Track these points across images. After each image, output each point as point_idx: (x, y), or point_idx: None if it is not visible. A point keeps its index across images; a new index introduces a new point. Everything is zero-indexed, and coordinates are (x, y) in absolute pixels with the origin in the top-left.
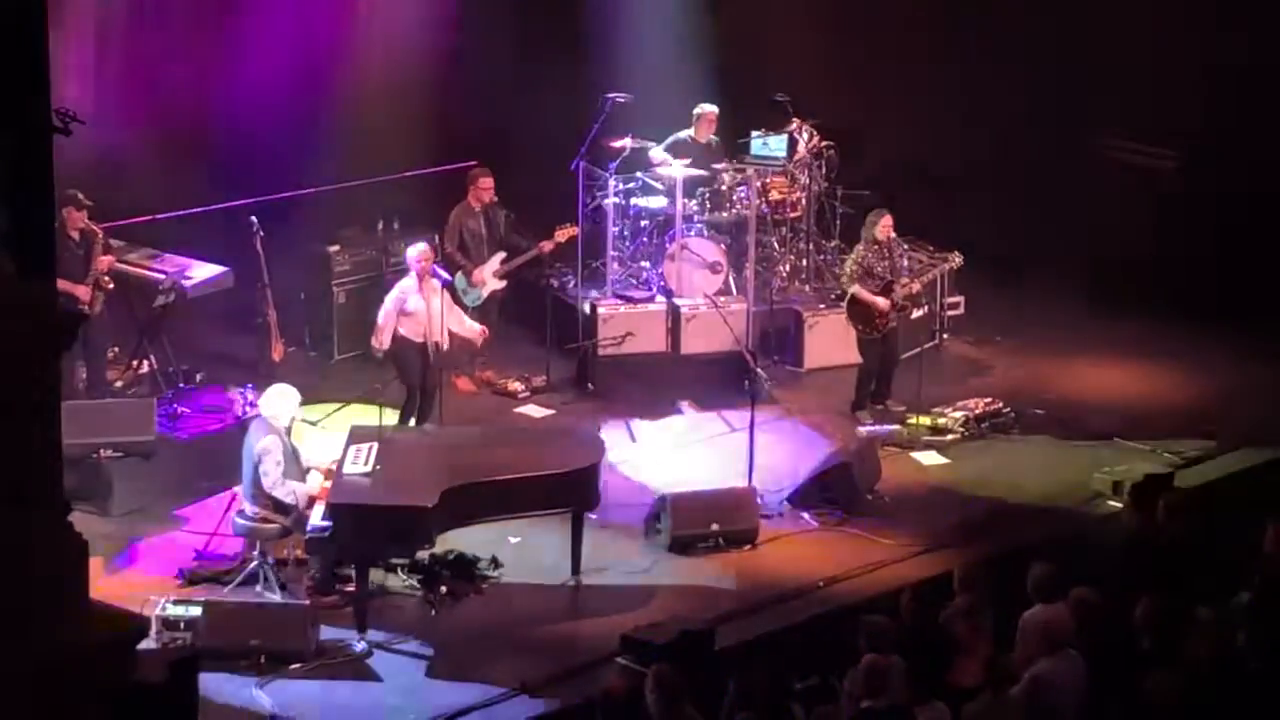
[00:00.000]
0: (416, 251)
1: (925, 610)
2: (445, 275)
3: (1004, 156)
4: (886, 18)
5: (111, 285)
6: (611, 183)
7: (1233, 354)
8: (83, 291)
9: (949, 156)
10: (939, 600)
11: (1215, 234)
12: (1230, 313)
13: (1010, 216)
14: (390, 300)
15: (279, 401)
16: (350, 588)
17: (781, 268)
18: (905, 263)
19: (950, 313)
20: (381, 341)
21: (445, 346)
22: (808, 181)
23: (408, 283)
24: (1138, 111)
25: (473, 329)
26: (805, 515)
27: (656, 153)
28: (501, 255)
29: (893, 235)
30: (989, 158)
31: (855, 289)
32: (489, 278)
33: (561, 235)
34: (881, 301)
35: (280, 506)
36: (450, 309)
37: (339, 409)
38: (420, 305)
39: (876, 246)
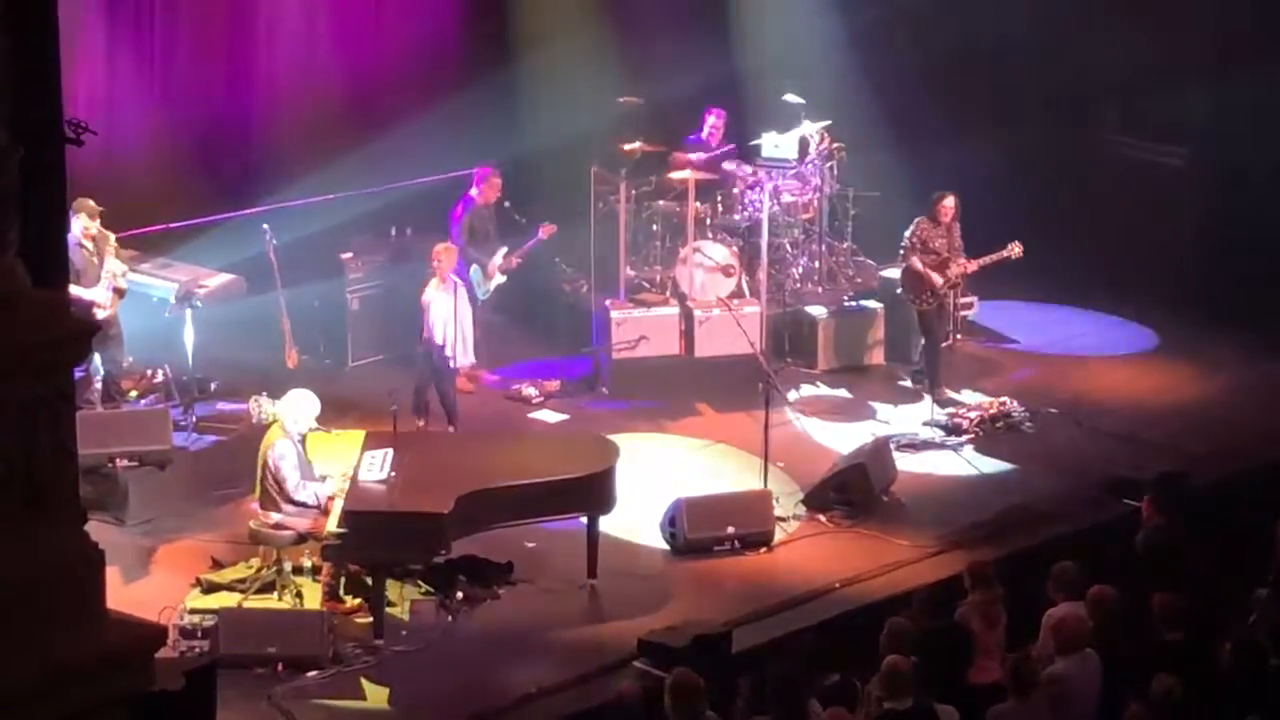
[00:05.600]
0: (442, 250)
1: (938, 612)
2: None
3: (1015, 155)
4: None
5: (126, 287)
6: (623, 186)
7: (1246, 352)
8: (98, 294)
9: (960, 157)
10: (952, 600)
11: (1226, 231)
12: (1243, 310)
13: (1021, 215)
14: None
15: (297, 406)
16: (366, 594)
17: (794, 269)
18: (960, 244)
19: (963, 313)
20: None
21: (468, 346)
22: (819, 183)
23: (434, 285)
24: (1145, 108)
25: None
26: (820, 518)
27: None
28: (504, 250)
29: (953, 218)
30: (1001, 157)
31: (913, 260)
32: (496, 272)
33: (544, 234)
34: (936, 277)
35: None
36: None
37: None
38: (443, 307)
39: (936, 225)
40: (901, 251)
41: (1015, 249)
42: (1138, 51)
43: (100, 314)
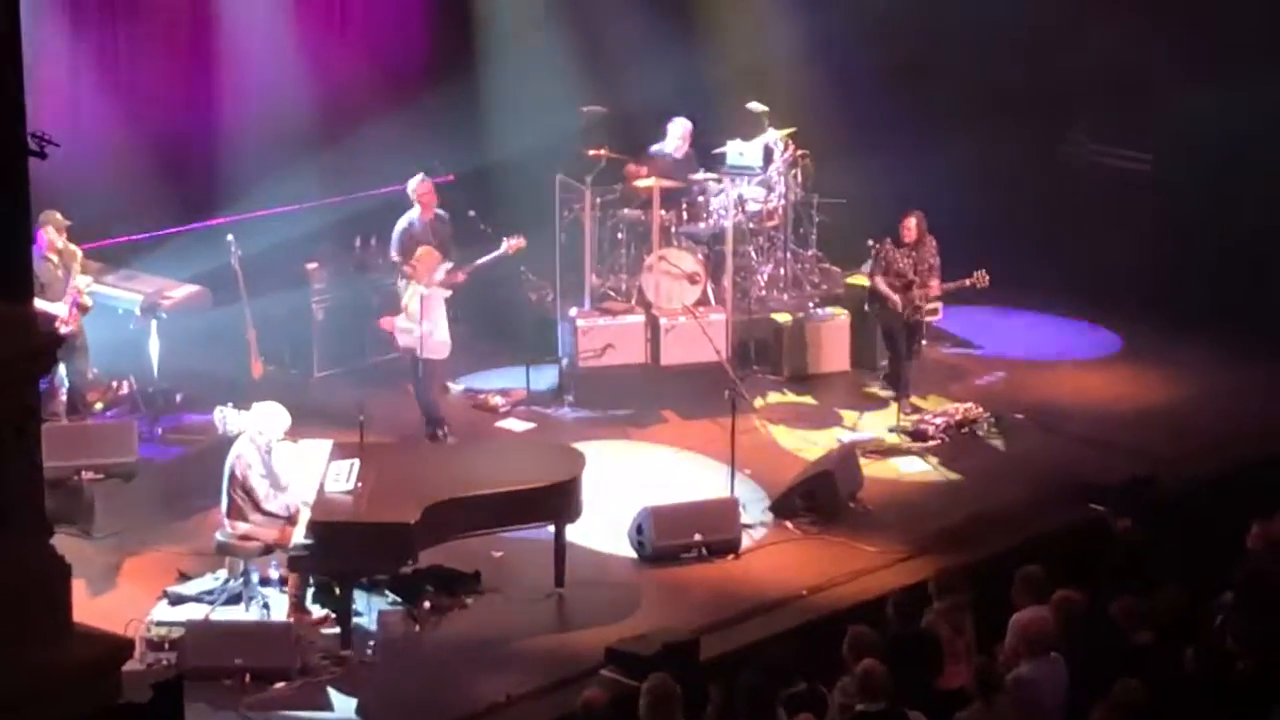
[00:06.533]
0: (423, 254)
1: (910, 616)
2: (424, 287)
3: (980, 161)
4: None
5: (91, 304)
6: (588, 195)
7: (1211, 356)
8: (62, 309)
9: (926, 164)
10: (922, 606)
11: (1191, 236)
12: (1209, 316)
13: (987, 220)
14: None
15: (265, 418)
16: (333, 605)
17: (759, 277)
18: (935, 261)
19: (929, 319)
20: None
21: (431, 356)
22: (784, 190)
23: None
24: (1112, 114)
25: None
26: (788, 524)
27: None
28: (447, 266)
29: (918, 236)
30: (966, 163)
31: (875, 280)
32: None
33: (511, 247)
34: (895, 299)
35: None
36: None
37: None
38: (414, 311)
39: (899, 246)
40: (867, 270)
41: (981, 279)
42: (1104, 57)
43: (62, 329)
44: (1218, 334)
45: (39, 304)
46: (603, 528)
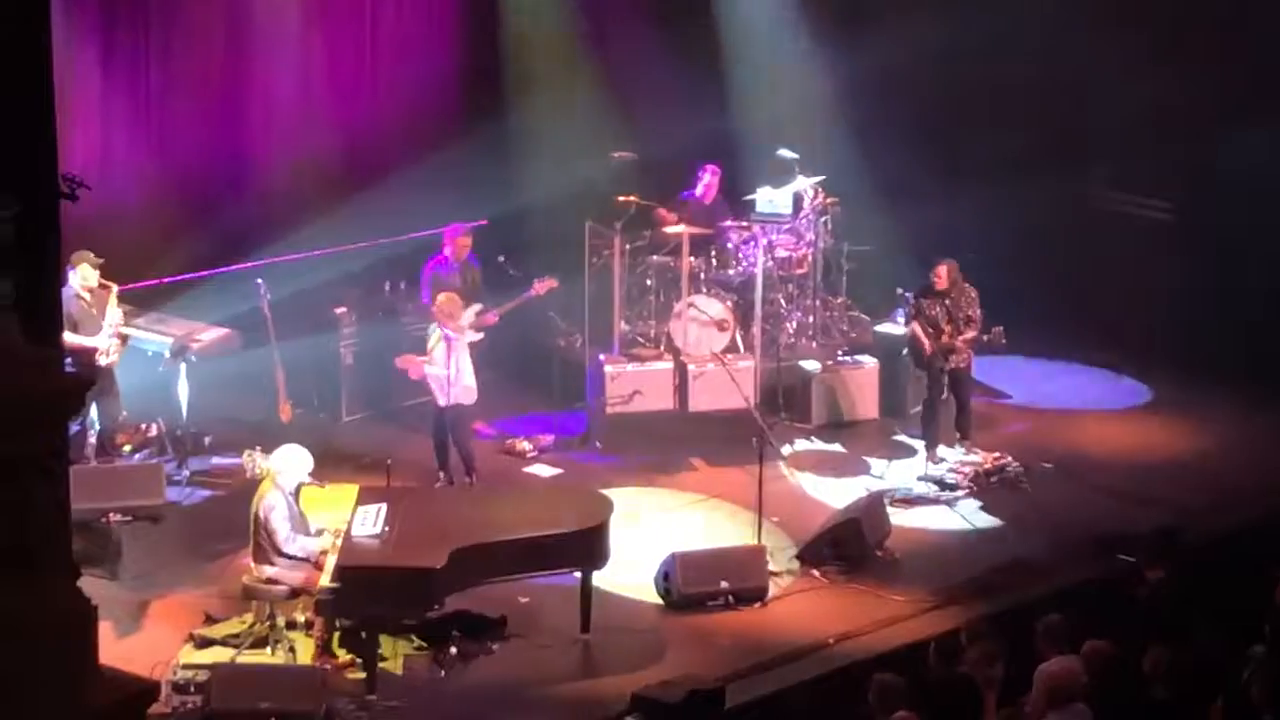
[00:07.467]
0: (444, 301)
1: (951, 660)
2: (452, 332)
3: (1008, 209)
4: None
5: (129, 336)
6: (618, 241)
7: (1239, 405)
8: (100, 341)
9: (954, 212)
10: (955, 655)
11: (1217, 285)
12: (1237, 366)
13: (1015, 268)
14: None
15: (288, 462)
16: (359, 649)
17: (788, 324)
18: (974, 312)
19: (959, 366)
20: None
21: (460, 401)
22: (813, 238)
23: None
24: (1137, 163)
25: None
26: (815, 573)
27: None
28: (477, 308)
29: (951, 284)
30: (994, 211)
31: (912, 325)
32: (466, 330)
33: (540, 288)
34: (928, 343)
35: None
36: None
37: None
38: (440, 356)
39: (931, 294)
40: (897, 318)
41: (997, 337)
42: (1128, 107)
43: (103, 360)
44: (1246, 384)
45: (78, 339)
46: (629, 574)
